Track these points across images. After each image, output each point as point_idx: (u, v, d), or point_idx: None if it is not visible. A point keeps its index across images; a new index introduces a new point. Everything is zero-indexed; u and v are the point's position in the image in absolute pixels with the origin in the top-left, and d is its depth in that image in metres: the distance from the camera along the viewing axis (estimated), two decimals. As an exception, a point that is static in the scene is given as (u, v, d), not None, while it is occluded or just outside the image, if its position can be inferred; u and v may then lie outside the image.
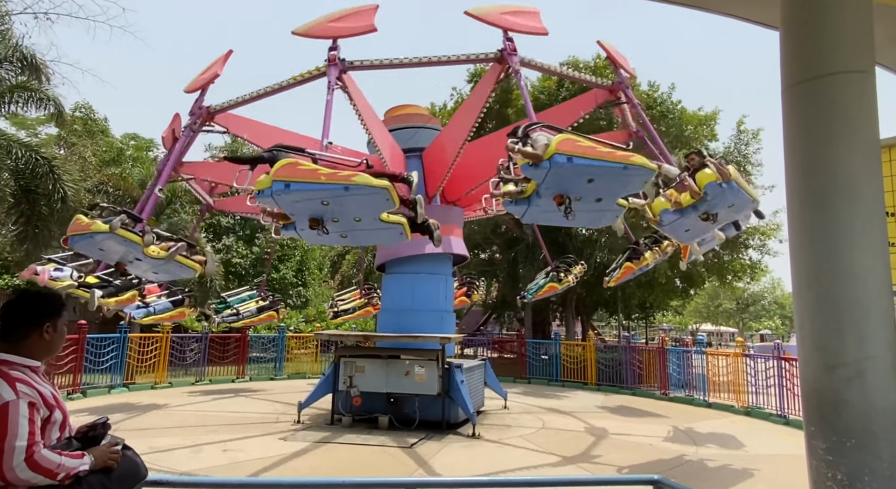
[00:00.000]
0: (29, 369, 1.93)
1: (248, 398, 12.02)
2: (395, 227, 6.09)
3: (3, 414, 1.75)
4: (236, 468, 6.48)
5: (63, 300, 2.14)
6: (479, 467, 6.77)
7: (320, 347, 16.55)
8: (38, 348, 1.98)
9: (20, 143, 11.78)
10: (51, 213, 12.20)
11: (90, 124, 19.53)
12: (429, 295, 10.06)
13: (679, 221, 7.01)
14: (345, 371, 8.92)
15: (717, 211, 6.82)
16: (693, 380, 12.93)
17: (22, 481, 1.76)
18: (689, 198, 7.03)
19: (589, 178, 5.51)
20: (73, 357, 11.21)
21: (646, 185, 7.25)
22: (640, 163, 5.59)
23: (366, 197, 5.52)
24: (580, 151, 5.30)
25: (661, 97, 16.31)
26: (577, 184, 5.57)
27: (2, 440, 1.73)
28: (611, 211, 6.30)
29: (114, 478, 2.00)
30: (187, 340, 14.44)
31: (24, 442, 1.75)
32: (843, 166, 2.66)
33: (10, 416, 1.75)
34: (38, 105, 11.82)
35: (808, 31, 2.88)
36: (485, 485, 3.65)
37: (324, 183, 5.42)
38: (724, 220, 7.44)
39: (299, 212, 5.85)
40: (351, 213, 5.85)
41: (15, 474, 1.74)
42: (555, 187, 5.57)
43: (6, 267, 16.52)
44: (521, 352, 16.61)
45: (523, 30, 8.22)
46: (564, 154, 5.19)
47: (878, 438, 2.40)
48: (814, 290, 2.66)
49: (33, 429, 1.80)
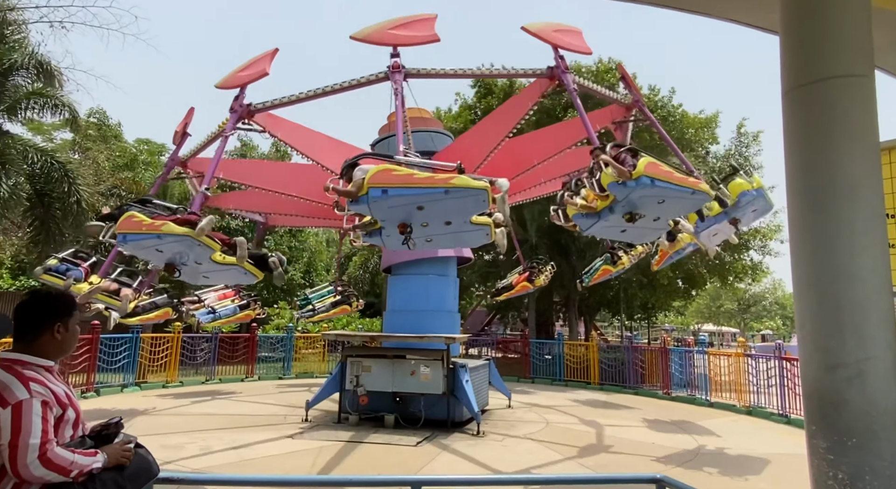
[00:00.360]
0: (43, 369, 1.95)
1: (259, 396, 12.20)
2: (483, 229, 6.15)
3: (17, 412, 1.78)
4: (245, 465, 6.56)
5: (74, 300, 2.16)
6: (484, 464, 6.83)
7: (327, 347, 16.80)
8: (50, 348, 2.00)
9: (36, 148, 12.06)
10: (65, 217, 12.46)
11: (104, 129, 19.87)
12: (434, 296, 10.19)
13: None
14: (351, 370, 9.02)
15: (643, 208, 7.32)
16: (695, 379, 13.02)
17: (36, 478, 1.79)
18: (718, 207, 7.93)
19: (660, 200, 5.95)
20: (86, 356, 11.44)
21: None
22: (706, 190, 6.15)
23: (464, 199, 5.53)
24: (662, 175, 5.75)
25: (662, 100, 16.45)
26: (649, 203, 5.98)
27: (16, 438, 1.76)
28: (661, 229, 6.82)
29: (126, 475, 2.03)
30: (198, 340, 14.69)
31: (38, 440, 1.78)
32: (843, 168, 2.67)
33: (24, 415, 1.78)
34: (53, 111, 12.07)
35: (807, 36, 2.90)
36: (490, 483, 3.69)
37: (423, 187, 5.42)
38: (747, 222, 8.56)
39: (391, 217, 5.81)
40: (443, 217, 5.84)
41: (29, 471, 1.77)
42: (629, 205, 5.94)
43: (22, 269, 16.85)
44: (524, 352, 16.73)
45: (572, 48, 8.31)
46: (650, 176, 5.61)
47: (880, 438, 2.40)
48: (814, 291, 2.67)
49: (46, 428, 1.83)
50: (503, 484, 3.77)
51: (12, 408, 1.77)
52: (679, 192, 5.91)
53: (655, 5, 4.34)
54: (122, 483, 1.99)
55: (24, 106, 11.74)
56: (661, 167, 5.91)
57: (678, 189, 5.87)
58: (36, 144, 12.57)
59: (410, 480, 2.75)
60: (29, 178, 11.82)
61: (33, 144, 12.37)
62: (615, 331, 34.15)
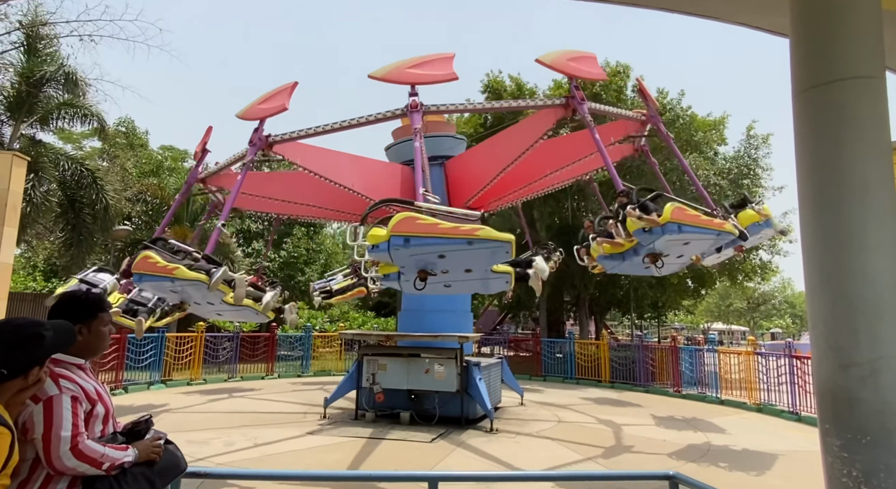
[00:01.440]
0: (74, 366, 2.02)
1: (278, 394, 12.53)
2: (503, 276, 6.27)
3: (49, 407, 1.86)
4: (267, 461, 6.68)
5: (101, 304, 2.20)
6: (497, 460, 6.89)
7: (344, 346, 17.14)
8: (77, 347, 2.06)
9: (67, 156, 12.59)
10: (94, 221, 12.98)
11: (132, 138, 20.56)
12: (448, 296, 10.30)
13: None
14: (368, 369, 9.23)
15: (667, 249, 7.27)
16: (705, 377, 13.11)
17: (69, 468, 1.87)
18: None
19: (686, 242, 6.10)
20: (115, 355, 11.91)
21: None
22: (730, 230, 6.30)
23: (487, 251, 5.49)
24: (689, 220, 5.88)
25: (671, 103, 16.54)
26: (674, 246, 6.12)
27: (48, 431, 1.83)
28: (683, 264, 7.03)
29: (156, 470, 2.11)
30: (220, 339, 15.17)
31: (69, 432, 1.86)
32: (854, 169, 2.67)
33: (55, 409, 1.86)
34: (82, 121, 12.59)
35: (818, 38, 2.89)
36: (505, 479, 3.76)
37: (447, 237, 5.33)
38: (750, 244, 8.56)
39: (411, 264, 5.77)
40: (464, 265, 5.87)
41: (62, 462, 1.85)
42: (654, 248, 6.08)
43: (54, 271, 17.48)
44: (536, 350, 16.90)
45: (588, 77, 8.40)
46: (677, 223, 5.73)
47: (893, 436, 2.40)
48: (827, 291, 2.67)
49: (76, 421, 1.90)
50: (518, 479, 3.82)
51: (44, 403, 1.86)
52: (705, 235, 6.02)
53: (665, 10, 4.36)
54: (151, 477, 2.07)
55: (55, 116, 12.25)
56: (687, 212, 5.98)
57: (704, 232, 5.97)
58: (67, 152, 13.12)
59: (428, 476, 2.86)
60: (60, 185, 12.33)
61: (64, 152, 12.93)
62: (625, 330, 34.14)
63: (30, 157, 9.95)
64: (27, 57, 12.23)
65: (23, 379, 1.75)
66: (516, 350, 19.98)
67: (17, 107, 12.12)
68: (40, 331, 1.78)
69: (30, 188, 11.56)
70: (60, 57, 12.05)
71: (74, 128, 13.60)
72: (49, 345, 1.80)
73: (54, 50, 12.03)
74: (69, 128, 13.75)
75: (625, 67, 16.92)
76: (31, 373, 1.77)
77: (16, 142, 12.31)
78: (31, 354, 1.76)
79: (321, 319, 21.48)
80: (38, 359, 1.78)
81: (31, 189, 11.68)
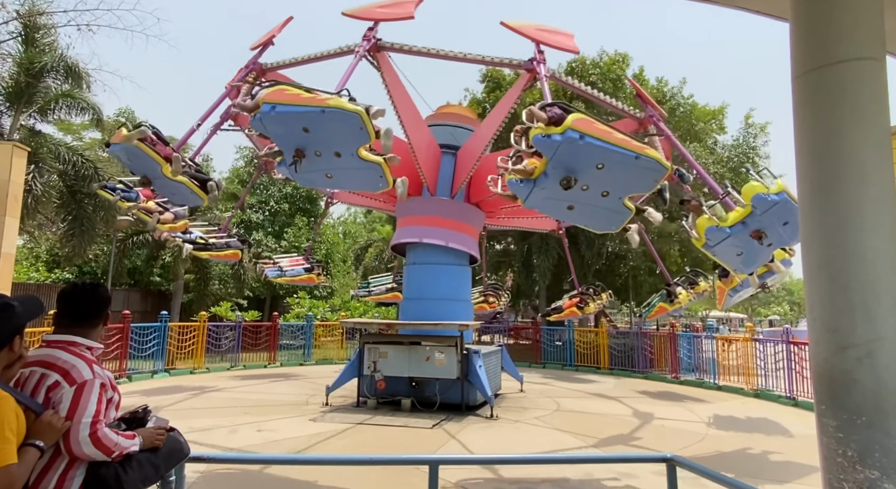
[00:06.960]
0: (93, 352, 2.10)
1: (281, 382, 12.60)
2: (375, 169, 6.00)
3: (80, 391, 1.90)
4: (270, 446, 6.72)
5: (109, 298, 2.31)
6: (497, 446, 6.98)
7: (346, 335, 17.28)
8: (98, 335, 2.16)
9: (67, 146, 12.59)
10: (94, 211, 13.03)
11: (132, 128, 20.46)
12: (448, 285, 10.44)
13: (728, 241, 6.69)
14: (369, 356, 9.29)
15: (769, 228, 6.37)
16: (703, 363, 13.28)
17: (85, 455, 1.91)
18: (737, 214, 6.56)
19: (599, 164, 5.33)
20: (118, 344, 11.99)
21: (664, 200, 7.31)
22: (655, 156, 5.42)
23: (340, 123, 5.56)
24: (594, 132, 5.21)
25: (672, 91, 16.47)
26: (586, 167, 5.41)
27: (72, 413, 1.87)
28: (617, 213, 6.00)
29: (161, 455, 2.18)
30: (222, 329, 15.28)
31: (91, 418, 1.90)
32: (854, 152, 2.66)
33: (85, 394, 1.91)
34: (80, 112, 12.57)
35: (818, 20, 2.86)
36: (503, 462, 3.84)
37: (303, 105, 5.59)
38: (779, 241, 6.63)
39: (285, 140, 5.94)
40: (330, 145, 5.84)
41: (80, 447, 1.88)
42: (563, 168, 5.42)
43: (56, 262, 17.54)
44: (535, 338, 17.07)
45: (554, 45, 8.35)
46: (578, 131, 5.15)
47: (889, 416, 2.42)
48: (825, 273, 2.67)
49: (100, 408, 1.95)
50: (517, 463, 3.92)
51: (77, 386, 1.90)
52: (618, 154, 5.20)
53: (666, -6, 4.40)
54: (156, 462, 2.14)
55: (54, 107, 12.23)
56: (595, 125, 5.29)
57: (616, 150, 5.19)
58: (66, 143, 13.11)
59: (428, 459, 2.92)
60: (61, 176, 12.35)
61: (64, 143, 12.91)
62: (624, 318, 34.33)
63: (30, 147, 9.95)
64: (25, 47, 12.24)
65: (8, 350, 1.79)
66: (516, 338, 20.17)
67: (17, 97, 12.12)
68: (7, 301, 1.82)
69: (30, 179, 11.58)
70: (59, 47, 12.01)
71: (73, 119, 13.60)
72: (22, 314, 1.83)
73: (52, 40, 11.99)
74: (68, 119, 13.74)
75: (623, 56, 16.83)
76: (15, 343, 1.81)
77: (16, 132, 12.33)
78: (9, 324, 1.79)
79: (323, 308, 21.62)
80: (17, 327, 1.82)
81: (31, 180, 11.72)
